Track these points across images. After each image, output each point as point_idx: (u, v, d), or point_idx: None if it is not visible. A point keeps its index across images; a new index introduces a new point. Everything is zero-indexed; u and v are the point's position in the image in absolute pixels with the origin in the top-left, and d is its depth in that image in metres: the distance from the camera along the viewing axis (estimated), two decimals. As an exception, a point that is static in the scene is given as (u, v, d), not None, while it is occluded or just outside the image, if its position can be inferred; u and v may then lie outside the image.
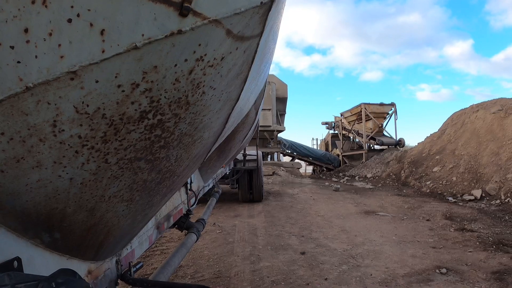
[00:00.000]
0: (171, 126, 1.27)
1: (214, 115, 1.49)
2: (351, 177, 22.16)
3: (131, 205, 1.56)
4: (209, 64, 1.17)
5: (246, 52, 1.31)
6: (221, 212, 10.55)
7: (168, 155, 1.45)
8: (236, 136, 4.52)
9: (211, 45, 1.11)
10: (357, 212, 9.95)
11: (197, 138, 1.52)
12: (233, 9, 1.07)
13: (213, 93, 1.32)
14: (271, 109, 21.91)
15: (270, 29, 1.43)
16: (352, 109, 28.74)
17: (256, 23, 1.22)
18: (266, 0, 1.16)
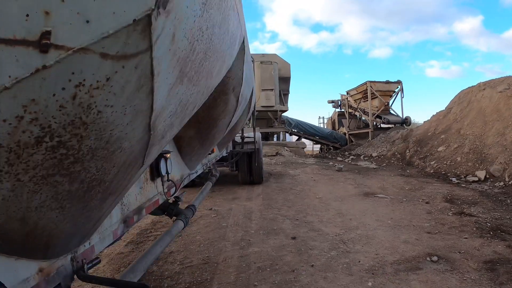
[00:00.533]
0: (75, 144, 1.29)
1: (127, 128, 1.45)
2: (356, 156, 21.99)
3: (64, 212, 1.59)
4: (94, 87, 1.17)
5: (138, 68, 1.27)
6: (220, 195, 10.49)
7: (86, 167, 1.45)
8: (218, 123, 4.41)
9: (86, 71, 1.12)
10: (356, 194, 9.84)
11: (114, 149, 1.51)
12: (100, 34, 1.08)
13: (112, 110, 1.31)
14: (274, 89, 21.74)
15: (171, 37, 1.35)
16: (358, 87, 28.39)
17: (137, 39, 1.19)
18: (140, 17, 1.13)
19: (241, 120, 7.24)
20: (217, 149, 7.69)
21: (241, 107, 5.05)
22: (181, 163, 4.56)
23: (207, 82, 2.25)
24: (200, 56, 1.77)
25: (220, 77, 2.80)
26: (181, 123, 2.38)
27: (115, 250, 6.37)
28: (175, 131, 2.38)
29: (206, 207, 9.03)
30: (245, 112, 7.24)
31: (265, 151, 19.88)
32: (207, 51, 1.90)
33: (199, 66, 1.82)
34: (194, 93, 2.05)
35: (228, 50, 2.73)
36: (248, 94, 5.63)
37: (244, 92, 4.67)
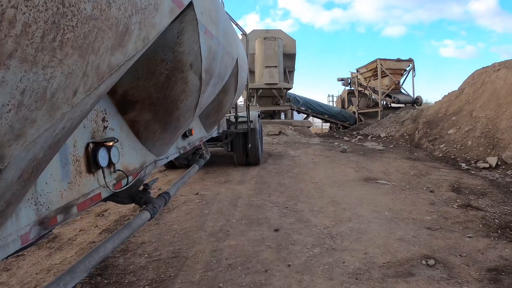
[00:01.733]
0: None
1: None
2: (364, 136, 21.28)
3: None
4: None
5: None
6: (211, 177, 9.92)
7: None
8: (179, 105, 3.79)
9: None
10: (355, 179, 9.18)
11: None
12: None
13: None
14: (278, 66, 20.97)
15: None
16: (368, 65, 27.44)
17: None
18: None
19: (223, 99, 6.64)
20: (203, 130, 7.11)
21: (212, 86, 4.42)
22: (141, 150, 3.94)
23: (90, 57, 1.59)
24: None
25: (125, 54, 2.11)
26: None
27: (88, 238, 5.85)
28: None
29: (193, 190, 8.48)
30: (229, 90, 6.61)
31: (268, 130, 19.25)
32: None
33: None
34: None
35: (150, 11, 2.07)
36: (225, 70, 5.01)
37: (211, 68, 4.04)
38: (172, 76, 3.23)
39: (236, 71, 6.24)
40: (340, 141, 19.05)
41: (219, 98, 6.52)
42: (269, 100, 24.15)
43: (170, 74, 3.19)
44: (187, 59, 3.25)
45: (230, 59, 5.08)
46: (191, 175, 6.66)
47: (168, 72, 3.16)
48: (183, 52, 3.13)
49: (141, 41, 2.07)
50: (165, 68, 3.18)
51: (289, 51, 22.87)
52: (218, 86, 4.95)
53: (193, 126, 6.19)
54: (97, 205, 6.15)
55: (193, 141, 6.36)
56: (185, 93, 3.65)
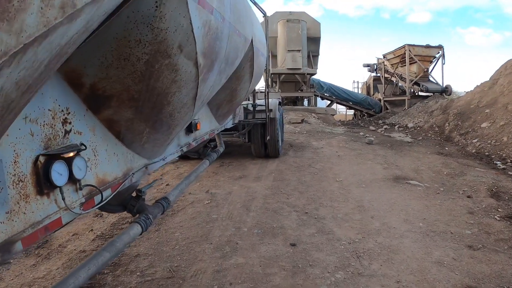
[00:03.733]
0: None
1: None
2: (390, 126, 20.27)
3: None
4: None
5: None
6: (226, 171, 9.17)
7: None
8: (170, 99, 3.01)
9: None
10: (384, 178, 8.31)
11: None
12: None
13: None
14: (301, 50, 19.93)
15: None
16: (395, 51, 26.15)
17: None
18: None
19: (237, 87, 5.87)
20: (214, 121, 6.38)
21: (216, 73, 3.63)
22: (124, 155, 3.18)
23: None
24: None
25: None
26: None
27: (80, 245, 5.18)
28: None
29: (204, 187, 7.75)
30: (243, 76, 5.83)
31: (290, 117, 18.40)
32: None
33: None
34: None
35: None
36: (235, 53, 4.22)
37: (213, 50, 3.26)
38: (154, 63, 2.47)
39: (251, 55, 5.46)
40: (366, 131, 18.09)
41: (231, 86, 5.78)
42: (292, 85, 23.19)
43: (151, 60, 2.42)
44: (173, 39, 2.47)
45: (241, 40, 4.29)
46: (199, 172, 5.94)
47: (148, 57, 2.39)
48: (167, 29, 2.36)
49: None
50: (142, 52, 2.38)
51: (313, 34, 21.76)
52: (226, 73, 4.18)
53: (200, 119, 5.45)
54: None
55: (201, 136, 5.61)
56: (177, 83, 2.88)
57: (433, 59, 25.51)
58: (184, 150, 4.83)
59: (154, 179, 5.49)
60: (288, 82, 22.74)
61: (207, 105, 6.02)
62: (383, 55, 28.21)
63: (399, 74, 26.49)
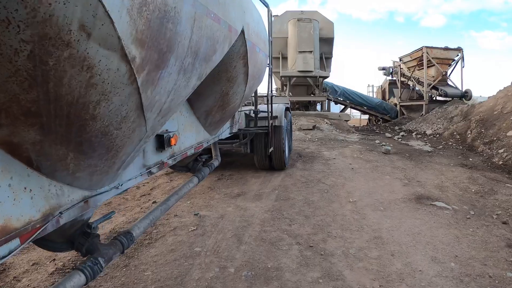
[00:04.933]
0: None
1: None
2: (407, 133, 19.03)
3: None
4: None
5: None
6: (223, 186, 8.10)
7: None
8: (94, 112, 1.96)
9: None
10: (405, 198, 7.15)
11: None
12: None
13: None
14: (313, 51, 18.71)
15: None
16: (412, 53, 24.82)
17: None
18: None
19: (229, 90, 4.89)
20: (203, 132, 5.38)
21: (176, 71, 2.59)
22: (43, 189, 2.13)
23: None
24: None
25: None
26: None
27: (35, 280, 4.27)
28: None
29: (193, 207, 6.70)
30: (236, 78, 4.82)
31: (301, 123, 17.30)
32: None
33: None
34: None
35: None
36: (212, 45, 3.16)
37: (161, 36, 2.21)
38: (44, 56, 1.50)
39: (243, 51, 4.39)
40: (382, 138, 16.90)
41: (221, 90, 4.77)
42: (304, 89, 22.01)
43: (38, 52, 1.46)
44: (66, 14, 1.37)
45: (222, 28, 3.24)
46: (181, 195, 4.90)
47: (31, 48, 1.44)
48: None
49: None
50: (19, 40, 1.36)
51: (326, 35, 20.53)
52: (199, 72, 3.10)
53: (180, 130, 4.43)
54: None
55: (182, 151, 4.55)
56: (98, 88, 1.84)
57: (452, 62, 24.20)
58: (155, 171, 3.79)
59: (111, 211, 4.42)
60: (300, 86, 21.57)
61: (192, 112, 4.97)
62: (399, 58, 26.94)
63: (416, 77, 25.19)
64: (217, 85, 4.81)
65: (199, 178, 5.70)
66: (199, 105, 5.03)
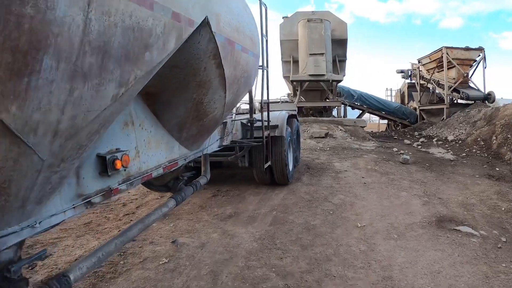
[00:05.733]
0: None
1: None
2: (427, 139, 17.83)
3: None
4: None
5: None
6: (216, 205, 7.17)
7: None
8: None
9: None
10: (424, 222, 6.08)
11: None
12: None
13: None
14: (325, 53, 17.57)
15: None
16: (432, 55, 23.57)
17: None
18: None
19: (203, 98, 4.06)
20: (179, 147, 4.52)
21: (57, 76, 1.63)
22: None
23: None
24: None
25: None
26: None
27: None
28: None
29: (176, 233, 5.78)
30: (209, 83, 3.97)
31: (313, 130, 16.27)
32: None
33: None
34: None
35: None
36: (134, 39, 2.20)
37: None
38: None
39: (213, 49, 3.52)
40: (400, 145, 15.74)
41: (192, 98, 3.95)
42: (317, 94, 20.91)
43: None
44: None
45: (160, 16, 2.33)
46: (149, 224, 4.06)
47: None
48: None
49: None
50: None
51: (339, 36, 19.37)
52: (117, 76, 2.17)
53: (141, 147, 3.55)
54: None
55: (141, 173, 3.65)
56: None
57: (473, 63, 22.91)
58: (97, 200, 2.91)
59: (43, 249, 3.50)
60: (312, 91, 20.47)
61: (160, 125, 4.04)
62: (418, 60, 25.70)
63: (436, 80, 23.90)
64: (186, 92, 3.89)
65: (177, 201, 4.81)
66: (168, 117, 4.11)
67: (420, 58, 25.28)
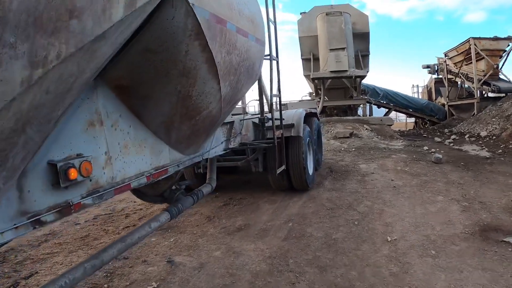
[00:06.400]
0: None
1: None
2: (459, 136, 16.68)
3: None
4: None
5: None
6: (226, 216, 6.43)
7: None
8: None
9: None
10: (466, 232, 5.14)
11: None
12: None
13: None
14: (346, 48, 16.53)
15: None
16: (459, 47, 22.23)
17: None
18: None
19: (191, 91, 3.40)
20: (169, 151, 3.78)
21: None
22: None
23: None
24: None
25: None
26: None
27: None
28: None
29: (175, 249, 5.04)
30: (195, 73, 3.23)
31: (337, 130, 15.36)
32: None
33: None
34: None
35: None
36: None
37: None
38: None
39: (194, 26, 2.83)
40: (430, 144, 14.67)
41: (176, 90, 3.20)
42: (341, 92, 19.88)
43: None
44: None
45: None
46: (130, 243, 3.40)
47: None
48: None
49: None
50: None
51: (360, 29, 18.26)
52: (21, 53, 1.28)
53: (113, 152, 2.89)
54: None
55: (114, 184, 2.93)
56: None
57: (503, 53, 21.50)
58: (50, 219, 2.30)
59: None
60: (335, 89, 19.45)
61: (142, 125, 3.32)
62: (445, 53, 24.38)
63: (464, 73, 22.57)
64: (167, 83, 3.12)
65: (171, 214, 4.08)
66: (151, 115, 3.34)
67: (447, 51, 24.00)
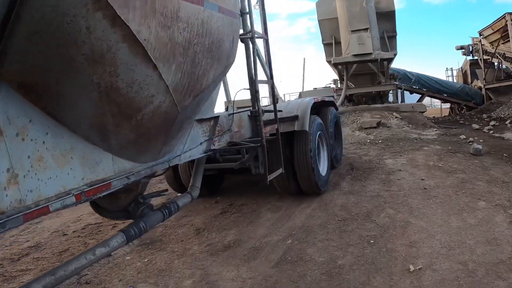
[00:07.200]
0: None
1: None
2: (499, 121, 15.10)
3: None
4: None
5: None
6: (218, 228, 5.38)
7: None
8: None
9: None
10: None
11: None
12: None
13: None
14: (369, 28, 14.96)
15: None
16: (494, 24, 20.25)
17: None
18: None
19: (109, 82, 2.42)
20: (115, 158, 2.74)
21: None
22: None
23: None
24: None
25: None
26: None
27: None
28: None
29: (146, 273, 4.05)
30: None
31: (362, 120, 14.05)
32: None
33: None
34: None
35: None
36: None
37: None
38: None
39: None
40: (468, 131, 13.20)
41: (91, 81, 2.31)
42: (368, 78, 18.33)
43: None
44: None
45: None
46: (66, 276, 2.39)
47: None
48: None
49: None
50: None
51: (384, 8, 16.36)
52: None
53: (18, 168, 2.18)
54: None
55: (21, 209, 2.28)
56: None
57: (543, 28, 19.66)
58: None
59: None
60: (361, 75, 17.92)
61: (66, 129, 2.52)
62: (479, 32, 22.43)
63: (501, 53, 20.73)
64: (77, 74, 2.20)
65: (127, 236, 3.15)
66: (72, 117, 2.52)
67: (481, 30, 22.11)
